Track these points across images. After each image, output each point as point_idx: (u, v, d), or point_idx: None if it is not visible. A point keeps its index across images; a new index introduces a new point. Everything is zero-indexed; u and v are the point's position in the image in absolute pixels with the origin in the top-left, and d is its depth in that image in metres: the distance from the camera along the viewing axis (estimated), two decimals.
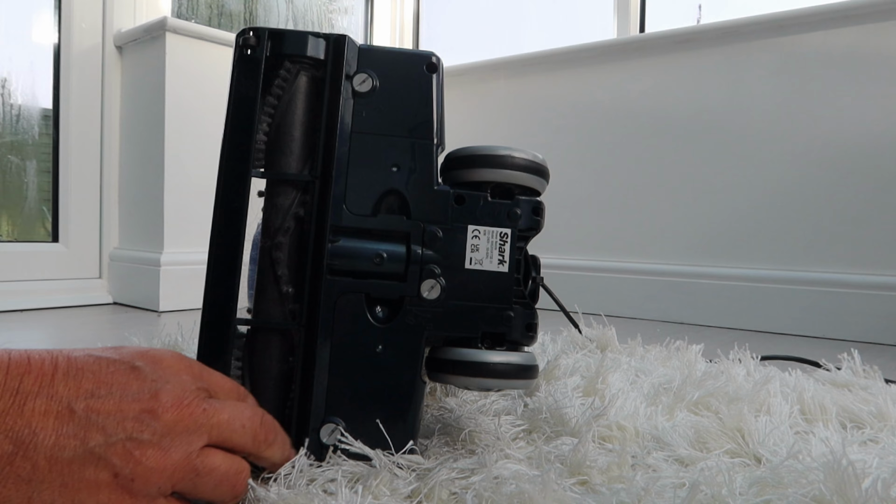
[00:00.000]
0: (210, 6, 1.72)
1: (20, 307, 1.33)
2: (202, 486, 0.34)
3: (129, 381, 0.33)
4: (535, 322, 0.47)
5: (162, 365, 0.35)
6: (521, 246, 0.47)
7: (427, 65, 0.46)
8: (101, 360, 0.33)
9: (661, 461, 0.46)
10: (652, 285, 1.46)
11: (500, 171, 0.46)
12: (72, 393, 0.31)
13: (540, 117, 1.68)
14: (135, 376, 0.33)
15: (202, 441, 0.34)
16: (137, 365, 0.34)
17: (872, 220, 1.23)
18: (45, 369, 0.31)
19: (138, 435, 0.32)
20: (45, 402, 0.31)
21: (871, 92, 1.23)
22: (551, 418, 0.53)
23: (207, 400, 0.35)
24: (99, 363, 0.33)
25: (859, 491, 0.36)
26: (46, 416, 0.31)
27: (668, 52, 1.47)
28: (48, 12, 1.44)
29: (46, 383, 0.31)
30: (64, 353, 0.33)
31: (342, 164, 0.44)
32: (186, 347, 0.76)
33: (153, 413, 0.33)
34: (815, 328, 1.26)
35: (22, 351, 0.32)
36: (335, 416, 0.43)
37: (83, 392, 0.32)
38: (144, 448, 0.32)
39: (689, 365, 0.76)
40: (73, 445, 0.31)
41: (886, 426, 0.56)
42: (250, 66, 0.44)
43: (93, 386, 0.32)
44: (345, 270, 0.44)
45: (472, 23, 2.08)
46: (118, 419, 0.32)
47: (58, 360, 0.32)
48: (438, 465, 0.42)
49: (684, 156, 1.45)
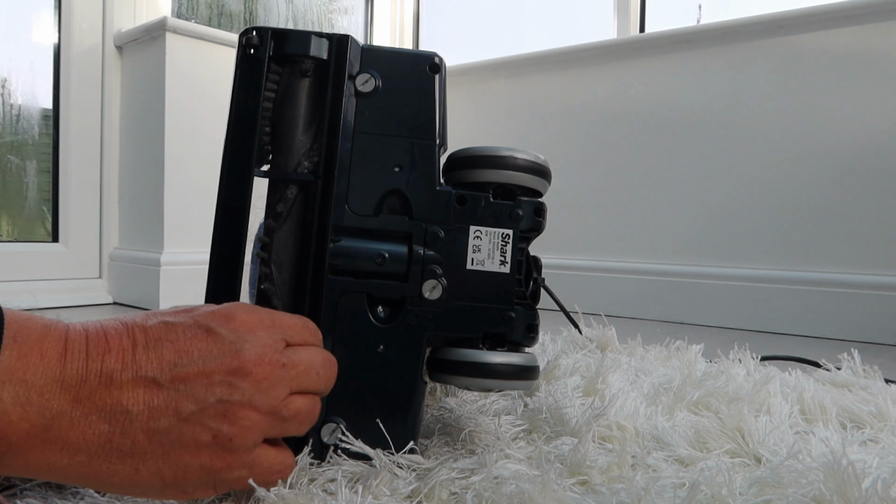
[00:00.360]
0: (210, 6, 1.72)
1: (20, 307, 1.32)
2: (288, 429, 0.37)
3: (209, 345, 0.34)
4: (536, 323, 0.47)
5: (236, 323, 0.35)
6: (522, 247, 0.47)
7: (430, 65, 0.46)
8: (177, 326, 0.34)
9: (661, 461, 0.46)
10: (652, 285, 1.47)
11: (502, 171, 0.46)
12: (155, 366, 0.32)
13: (540, 117, 1.68)
14: (213, 340, 0.34)
15: (286, 392, 0.36)
16: (212, 327, 0.34)
17: (872, 220, 1.23)
18: (124, 345, 0.32)
19: (228, 397, 0.33)
20: (132, 379, 0.31)
21: (871, 92, 1.23)
22: (551, 418, 0.53)
23: (285, 353, 0.36)
24: (175, 331, 0.33)
25: (859, 491, 0.37)
26: (135, 391, 0.31)
27: (668, 52, 1.47)
28: (48, 12, 1.44)
29: (129, 360, 0.32)
30: (138, 324, 0.33)
31: (344, 164, 0.44)
32: None
33: (239, 373, 0.34)
34: (815, 328, 1.26)
35: (97, 326, 0.33)
36: (336, 415, 0.43)
37: (166, 363, 0.32)
38: (237, 408, 0.33)
39: (689, 365, 0.76)
40: (167, 416, 0.32)
41: (886, 426, 0.56)
42: (253, 65, 0.44)
43: (174, 356, 0.33)
44: (346, 270, 0.44)
45: (472, 23, 2.08)
46: (206, 385, 0.33)
47: (134, 333, 0.33)
48: (438, 465, 0.42)
49: (684, 156, 1.45)
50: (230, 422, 0.33)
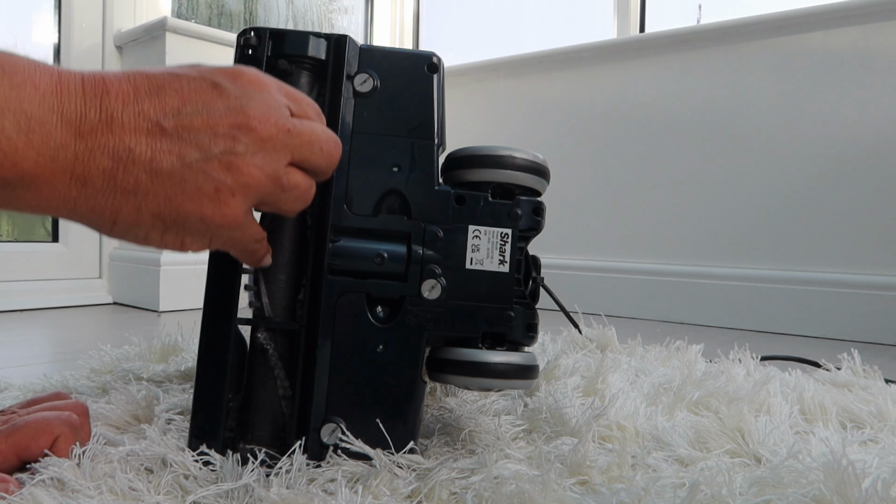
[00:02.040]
0: (210, 6, 1.72)
1: (20, 307, 1.32)
2: (284, 200, 0.37)
3: (214, 97, 0.33)
4: (535, 322, 0.47)
5: (243, 80, 0.35)
6: (521, 246, 0.47)
7: (428, 65, 0.46)
8: (182, 77, 0.33)
9: (661, 461, 0.46)
10: (652, 285, 1.46)
11: (500, 171, 0.46)
12: (158, 111, 0.32)
13: (540, 117, 1.68)
14: (218, 93, 0.33)
15: (288, 158, 0.35)
16: (219, 81, 0.34)
17: (872, 220, 1.23)
18: (125, 89, 0.31)
19: (233, 149, 0.33)
20: (133, 120, 0.31)
21: (871, 92, 1.23)
22: (551, 418, 0.53)
23: (290, 119, 0.36)
24: (180, 80, 0.33)
25: (859, 491, 0.36)
26: (137, 133, 0.31)
27: (668, 52, 1.47)
28: (48, 12, 1.44)
29: (130, 101, 0.31)
30: (142, 73, 0.33)
31: (343, 165, 0.44)
32: (186, 347, 0.77)
33: (244, 128, 0.33)
34: (815, 328, 1.26)
35: (93, 72, 0.32)
36: (336, 415, 0.43)
37: (170, 110, 0.32)
38: (240, 161, 0.33)
39: (689, 365, 0.76)
40: (170, 160, 0.32)
41: (886, 426, 0.56)
42: (251, 65, 0.44)
43: (178, 103, 0.32)
44: (346, 270, 0.44)
45: (472, 23, 2.08)
46: (210, 135, 0.32)
47: (136, 79, 0.32)
48: (438, 465, 0.42)
49: (684, 156, 1.45)
50: (234, 174, 0.33)
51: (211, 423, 0.43)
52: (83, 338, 1.04)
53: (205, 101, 0.33)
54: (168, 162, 0.32)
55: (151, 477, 0.40)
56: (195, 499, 0.38)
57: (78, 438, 0.42)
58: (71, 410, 0.44)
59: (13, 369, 0.78)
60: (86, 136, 0.30)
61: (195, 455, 0.42)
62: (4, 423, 0.42)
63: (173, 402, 0.55)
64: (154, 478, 0.40)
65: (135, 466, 0.41)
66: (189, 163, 0.32)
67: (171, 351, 0.75)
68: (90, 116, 0.30)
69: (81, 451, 0.41)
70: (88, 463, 0.40)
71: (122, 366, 0.68)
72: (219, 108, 0.33)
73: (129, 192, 0.31)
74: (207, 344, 0.43)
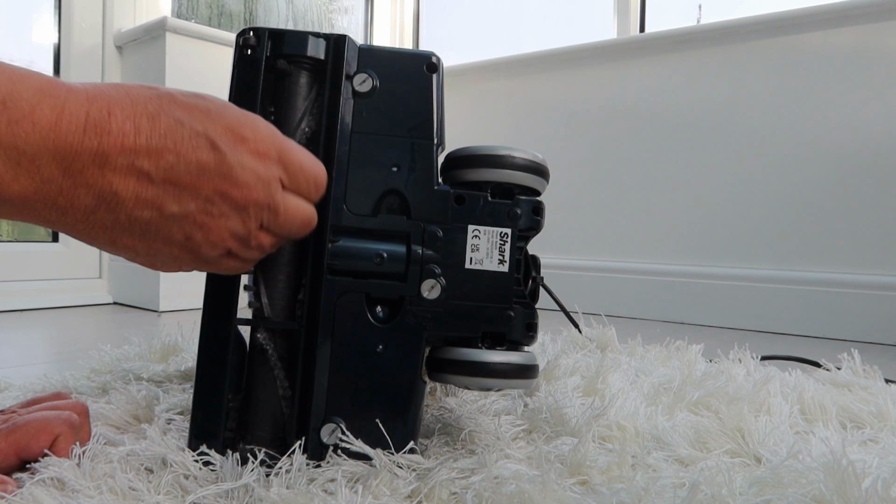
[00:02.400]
0: (210, 6, 1.72)
1: (20, 307, 1.32)
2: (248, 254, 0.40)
3: (208, 159, 0.35)
4: (535, 322, 0.47)
5: (246, 146, 0.37)
6: (521, 246, 0.47)
7: (427, 65, 0.46)
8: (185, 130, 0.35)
9: (661, 461, 0.46)
10: (652, 285, 1.46)
11: (500, 170, 0.46)
12: (152, 164, 0.33)
13: (540, 117, 1.68)
14: (213, 155, 0.35)
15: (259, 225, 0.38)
16: (218, 144, 0.35)
17: (872, 220, 1.23)
18: (126, 129, 0.33)
19: (209, 210, 0.36)
20: (126, 166, 0.33)
21: (871, 92, 1.23)
22: (551, 418, 0.53)
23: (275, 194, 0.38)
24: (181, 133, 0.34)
25: (859, 491, 0.36)
26: (127, 177, 0.33)
27: (668, 52, 1.47)
28: (48, 12, 1.44)
29: (129, 146, 0.33)
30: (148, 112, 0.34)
31: (342, 164, 0.44)
32: (186, 347, 0.76)
33: (225, 195, 0.36)
34: (815, 328, 1.26)
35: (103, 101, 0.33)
36: (335, 415, 0.43)
37: (163, 164, 0.34)
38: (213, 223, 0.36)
39: (689, 365, 0.76)
40: (151, 208, 0.34)
41: (886, 426, 0.56)
42: (250, 66, 0.44)
43: (173, 160, 0.34)
44: (345, 270, 0.44)
45: (471, 23, 2.08)
46: (193, 195, 0.35)
47: (141, 121, 0.33)
48: (438, 465, 0.42)
49: (684, 155, 1.45)
50: (204, 232, 0.36)
51: (211, 423, 0.43)
52: (83, 338, 1.04)
53: (198, 161, 0.35)
54: (148, 212, 0.34)
55: (151, 477, 0.40)
56: (195, 499, 0.38)
57: (78, 438, 0.42)
58: (71, 410, 0.44)
59: (13, 369, 0.78)
60: (74, 174, 0.32)
61: (195, 455, 0.42)
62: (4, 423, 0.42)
63: (173, 402, 0.55)
64: (154, 478, 0.40)
65: (135, 466, 0.41)
66: (167, 215, 0.35)
67: (171, 351, 0.75)
68: (84, 155, 0.32)
69: (81, 450, 0.41)
70: (88, 463, 0.40)
71: (122, 366, 0.68)
72: (210, 171, 0.35)
73: (107, 227, 0.34)
74: (207, 344, 0.43)
